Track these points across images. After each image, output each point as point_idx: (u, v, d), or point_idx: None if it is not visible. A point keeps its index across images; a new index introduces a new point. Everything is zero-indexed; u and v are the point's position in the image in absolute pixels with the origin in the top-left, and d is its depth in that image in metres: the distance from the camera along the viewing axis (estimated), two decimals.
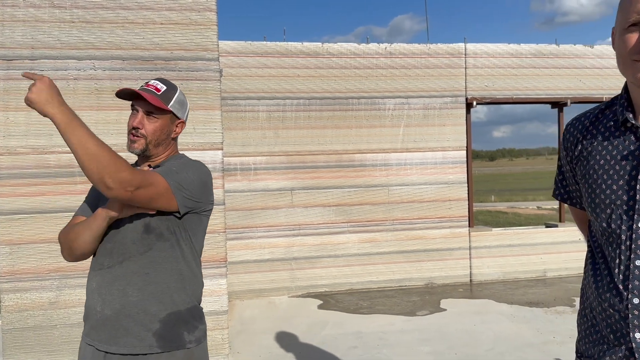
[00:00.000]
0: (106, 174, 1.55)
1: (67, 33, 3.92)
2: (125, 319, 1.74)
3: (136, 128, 1.83)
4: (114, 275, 1.76)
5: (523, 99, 7.29)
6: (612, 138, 1.39)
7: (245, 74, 6.58)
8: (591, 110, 1.51)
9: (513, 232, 7.41)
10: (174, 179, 1.75)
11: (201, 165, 1.89)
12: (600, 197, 1.39)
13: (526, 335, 4.87)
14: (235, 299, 6.45)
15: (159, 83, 1.88)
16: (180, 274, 1.82)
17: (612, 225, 1.36)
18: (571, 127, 1.54)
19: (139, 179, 1.62)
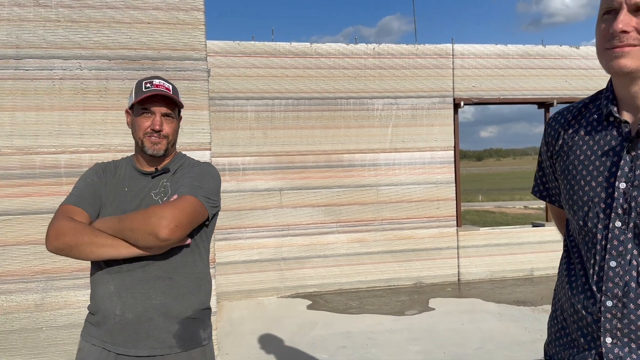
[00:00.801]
0: (149, 234, 1.64)
1: (53, 32, 3.88)
2: (147, 322, 1.75)
3: (158, 130, 1.83)
4: (135, 279, 1.75)
5: (510, 99, 7.34)
6: (594, 132, 1.34)
7: (234, 74, 6.56)
8: (575, 104, 1.46)
9: (500, 231, 7.46)
10: (202, 194, 1.79)
11: (213, 170, 1.93)
12: (578, 193, 1.34)
13: (514, 333, 4.91)
14: (224, 300, 6.42)
15: (164, 82, 1.88)
16: (198, 276, 1.87)
17: (589, 224, 1.31)
18: (553, 120, 1.48)
19: (177, 216, 1.69)
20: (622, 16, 1.18)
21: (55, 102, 3.86)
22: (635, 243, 1.23)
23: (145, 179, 1.89)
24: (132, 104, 1.85)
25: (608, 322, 1.25)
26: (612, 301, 1.24)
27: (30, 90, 3.82)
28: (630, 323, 1.22)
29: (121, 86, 3.92)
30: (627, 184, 1.24)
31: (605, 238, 1.27)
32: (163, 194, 1.86)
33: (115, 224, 1.70)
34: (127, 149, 3.90)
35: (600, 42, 1.24)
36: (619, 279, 1.24)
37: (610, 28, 1.20)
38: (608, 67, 1.24)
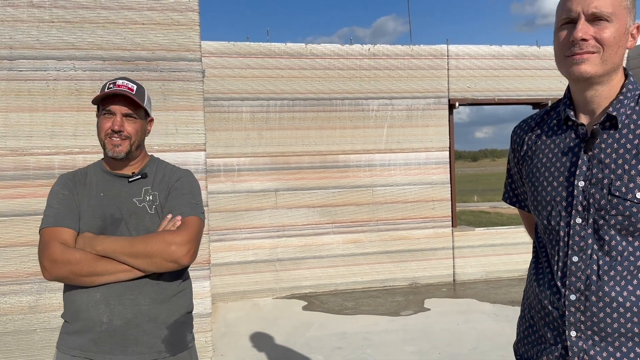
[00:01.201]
0: (171, 261, 1.71)
1: (47, 33, 3.86)
2: (135, 329, 1.74)
3: (119, 131, 1.80)
4: (123, 286, 1.74)
5: (504, 100, 7.37)
6: (555, 136, 1.43)
7: (229, 74, 6.55)
8: (537, 113, 1.56)
9: (495, 231, 7.48)
10: (200, 211, 1.87)
11: (196, 179, 1.97)
12: (542, 194, 1.41)
13: (509, 334, 4.92)
14: (219, 301, 6.41)
15: (128, 82, 1.85)
16: (182, 279, 1.88)
17: (552, 222, 1.38)
18: (518, 128, 1.58)
19: (195, 241, 1.76)
20: (581, 25, 1.26)
21: (49, 103, 3.84)
22: (595, 238, 1.30)
23: (120, 182, 1.87)
24: (97, 105, 1.84)
25: (572, 316, 1.31)
26: (576, 295, 1.30)
27: (24, 91, 3.80)
28: (592, 316, 1.28)
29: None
30: (586, 182, 1.32)
31: (568, 235, 1.34)
32: (150, 203, 1.84)
33: (126, 248, 1.70)
34: None
35: (560, 50, 1.33)
36: (581, 272, 1.30)
37: (571, 37, 1.28)
38: (569, 74, 1.32)
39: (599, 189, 1.30)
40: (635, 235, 1.27)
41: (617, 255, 1.28)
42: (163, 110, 3.97)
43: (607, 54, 1.27)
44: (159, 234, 1.75)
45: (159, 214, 1.84)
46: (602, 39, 1.26)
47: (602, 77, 1.30)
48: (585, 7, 1.26)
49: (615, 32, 1.27)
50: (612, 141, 1.31)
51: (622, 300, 1.26)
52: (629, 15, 1.30)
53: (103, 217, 1.80)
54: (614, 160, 1.29)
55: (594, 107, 1.35)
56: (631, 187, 1.26)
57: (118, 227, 1.79)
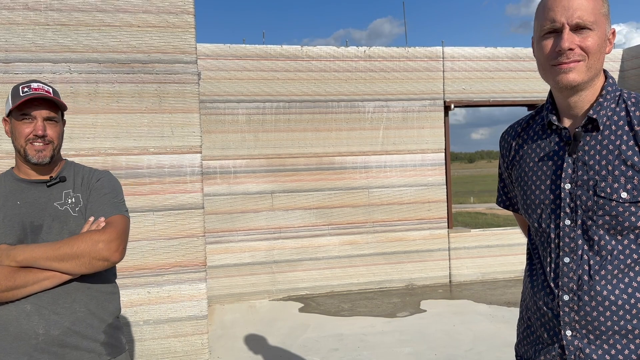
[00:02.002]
0: (99, 260, 1.69)
1: (42, 36, 3.86)
2: (74, 336, 1.72)
3: (42, 136, 1.75)
4: (54, 294, 1.70)
5: (500, 101, 7.39)
6: (540, 140, 1.46)
7: (224, 76, 6.56)
8: (523, 118, 1.59)
9: (491, 232, 7.50)
10: (124, 209, 1.88)
11: (116, 179, 1.96)
12: (531, 197, 1.45)
13: (505, 335, 4.93)
14: (216, 304, 6.41)
15: (43, 85, 1.80)
16: (110, 282, 1.87)
17: (543, 225, 1.42)
18: (506, 134, 1.61)
19: (122, 238, 1.76)
20: (567, 35, 1.29)
21: None
22: (584, 239, 1.33)
23: (38, 188, 1.81)
24: (10, 110, 1.77)
25: (566, 316, 1.34)
26: (569, 295, 1.34)
27: None
28: (586, 315, 1.31)
29: (111, 89, 3.91)
30: (572, 185, 1.35)
31: (558, 236, 1.37)
32: (73, 205, 1.80)
33: (50, 252, 1.65)
34: (118, 152, 3.89)
35: (545, 60, 1.35)
36: (573, 273, 1.34)
37: (557, 46, 1.31)
38: (556, 82, 1.34)
39: (585, 190, 1.33)
40: (624, 234, 1.30)
41: (607, 255, 1.31)
42: (159, 112, 3.98)
43: (592, 61, 1.31)
44: (85, 234, 1.71)
45: (83, 216, 1.80)
46: (586, 47, 1.30)
47: (587, 83, 1.34)
48: (569, 18, 1.29)
49: (598, 39, 1.31)
50: (595, 143, 1.34)
51: (614, 298, 1.29)
52: (607, 21, 1.34)
53: (22, 226, 1.74)
54: (597, 162, 1.33)
55: (577, 111, 1.39)
56: (615, 187, 1.29)
57: (39, 235, 1.74)
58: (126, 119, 3.92)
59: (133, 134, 3.94)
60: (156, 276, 3.93)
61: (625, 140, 1.31)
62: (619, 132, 1.33)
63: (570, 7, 1.29)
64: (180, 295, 4.01)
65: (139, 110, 3.95)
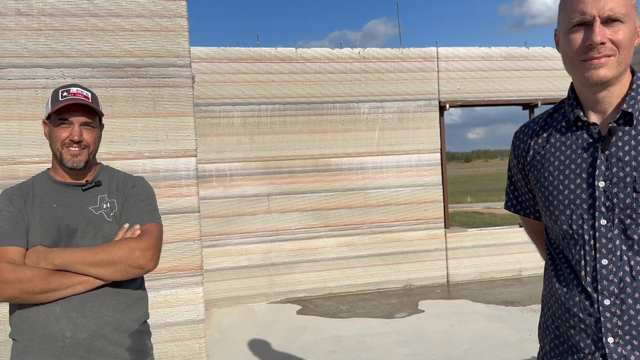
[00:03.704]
0: (135, 267, 1.72)
1: (35, 41, 3.85)
2: (100, 340, 1.72)
3: (79, 141, 1.77)
4: (83, 297, 1.71)
5: (495, 101, 7.41)
6: (565, 138, 1.38)
7: (219, 79, 6.55)
8: (540, 116, 1.51)
9: (488, 232, 7.50)
10: (158, 217, 1.89)
11: (150, 186, 1.97)
12: (558, 198, 1.36)
13: (503, 334, 4.94)
14: (213, 307, 6.39)
15: (82, 90, 1.81)
16: (140, 287, 1.88)
17: (574, 227, 1.33)
18: (521, 134, 1.52)
19: (157, 246, 1.78)
20: (598, 29, 1.22)
21: (38, 111, 3.82)
22: (622, 239, 1.26)
23: (74, 191, 1.82)
24: (49, 114, 1.78)
25: (608, 322, 1.25)
26: (610, 299, 1.25)
27: (12, 99, 3.78)
28: (630, 319, 1.23)
29: (105, 94, 3.89)
30: (606, 182, 1.28)
31: (593, 238, 1.29)
32: (108, 211, 1.82)
33: (87, 258, 1.67)
34: (112, 157, 3.88)
35: (574, 54, 1.28)
36: (613, 275, 1.25)
37: (588, 40, 1.23)
38: (585, 78, 1.27)
39: (622, 187, 1.26)
40: None
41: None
42: (153, 116, 3.97)
43: (622, 55, 1.26)
44: (121, 241, 1.74)
45: (117, 221, 1.81)
46: (618, 41, 1.24)
47: (616, 78, 1.28)
48: (600, 10, 1.22)
49: (629, 32, 1.25)
50: (629, 138, 1.27)
51: None
52: (636, 13, 1.29)
53: (58, 229, 1.75)
54: (633, 157, 1.26)
55: (605, 106, 1.32)
56: None
57: (73, 238, 1.75)
58: (120, 123, 3.90)
59: (127, 138, 3.93)
60: (152, 281, 3.91)
61: None
62: None
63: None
64: (177, 299, 4.00)
65: (133, 114, 3.94)
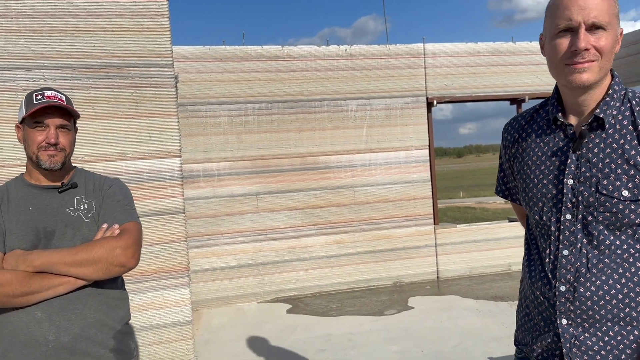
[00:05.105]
0: (116, 265, 1.72)
1: (14, 43, 3.80)
2: (84, 342, 1.72)
3: (55, 144, 1.77)
4: (65, 300, 1.71)
5: (482, 96, 7.42)
6: (544, 135, 1.49)
7: (205, 79, 6.51)
8: (527, 111, 1.61)
9: (477, 227, 7.52)
10: (136, 215, 1.91)
11: (126, 185, 1.98)
12: (533, 191, 1.48)
13: (492, 329, 4.95)
14: (203, 308, 6.37)
15: (57, 93, 1.82)
16: (120, 288, 1.89)
17: (544, 218, 1.46)
18: (509, 126, 1.63)
19: (138, 244, 1.79)
20: (583, 35, 1.31)
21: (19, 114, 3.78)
22: (584, 233, 1.38)
23: (50, 193, 1.83)
24: (23, 117, 1.78)
25: (562, 305, 1.40)
26: (565, 286, 1.39)
27: None
28: (581, 305, 1.37)
29: (86, 95, 3.86)
30: (574, 180, 1.39)
31: (558, 230, 1.42)
32: (86, 212, 1.82)
33: (68, 258, 1.67)
34: (95, 159, 3.84)
35: (559, 59, 1.37)
36: (571, 265, 1.39)
37: (573, 46, 1.32)
38: (569, 82, 1.36)
39: (587, 187, 1.37)
40: (622, 230, 1.35)
41: (605, 249, 1.36)
42: (135, 117, 3.93)
43: (604, 61, 1.33)
44: (102, 240, 1.74)
45: (96, 222, 1.82)
46: (600, 48, 1.31)
47: (597, 82, 1.36)
48: (585, 17, 1.30)
49: (611, 39, 1.33)
50: (599, 141, 1.37)
51: (609, 289, 1.35)
52: (618, 22, 1.36)
53: (35, 232, 1.75)
54: (601, 160, 1.36)
55: (584, 108, 1.41)
56: (617, 186, 1.33)
57: (52, 240, 1.75)
58: (103, 124, 3.87)
59: (110, 139, 3.89)
60: (138, 283, 3.88)
61: (629, 140, 1.35)
62: (623, 131, 1.36)
63: (587, 7, 1.30)
64: (163, 301, 3.97)
65: (116, 115, 3.90)
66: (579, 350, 1.37)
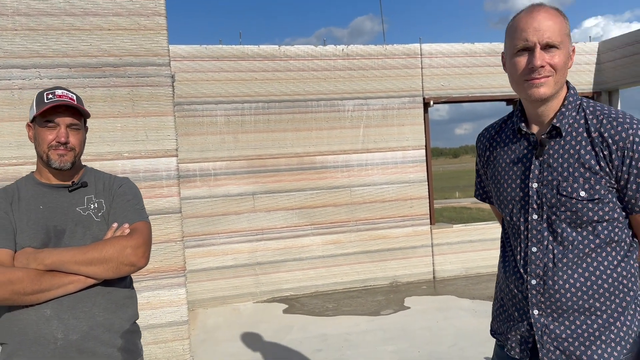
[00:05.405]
0: (127, 265, 1.72)
1: (10, 41, 3.78)
2: (92, 341, 1.72)
3: (65, 142, 1.79)
4: (74, 299, 1.71)
5: (478, 97, 7.43)
6: (511, 144, 1.66)
7: (202, 78, 6.50)
8: (497, 122, 1.79)
9: (473, 227, 7.54)
10: (145, 215, 1.91)
11: (135, 185, 1.99)
12: (503, 194, 1.65)
13: (487, 329, 4.94)
14: (199, 307, 6.36)
15: (67, 92, 1.83)
16: (129, 288, 1.89)
17: (514, 218, 1.62)
18: (482, 136, 1.81)
19: (148, 244, 1.80)
20: (539, 54, 1.46)
21: (14, 113, 3.77)
22: (549, 231, 1.54)
23: (60, 192, 1.85)
24: (34, 116, 1.80)
25: (534, 298, 1.55)
26: (536, 280, 1.55)
27: None
28: (550, 297, 1.53)
29: (82, 94, 3.83)
30: (538, 184, 1.55)
31: (527, 229, 1.57)
32: (96, 211, 1.83)
33: (78, 256, 1.68)
34: (91, 158, 3.83)
35: (519, 75, 1.52)
36: (540, 261, 1.55)
37: (530, 64, 1.47)
38: (528, 95, 1.52)
39: (550, 189, 1.52)
40: (583, 226, 1.50)
41: (568, 245, 1.51)
42: (132, 116, 3.92)
43: (558, 76, 1.49)
44: (112, 239, 1.75)
45: (106, 221, 1.83)
46: (555, 64, 1.47)
47: (553, 95, 1.52)
48: (540, 38, 1.46)
49: (564, 57, 1.48)
50: (558, 147, 1.53)
51: (574, 282, 1.51)
52: (569, 41, 1.52)
53: (46, 230, 1.76)
54: (560, 164, 1.52)
55: (543, 118, 1.57)
56: (575, 187, 1.49)
57: (62, 239, 1.76)
58: (99, 124, 3.85)
59: (106, 139, 3.88)
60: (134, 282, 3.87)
61: (584, 146, 1.49)
62: (579, 138, 1.51)
63: (541, 29, 1.45)
64: (159, 301, 3.96)
65: (112, 114, 3.89)
66: (549, 337, 1.53)
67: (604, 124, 1.48)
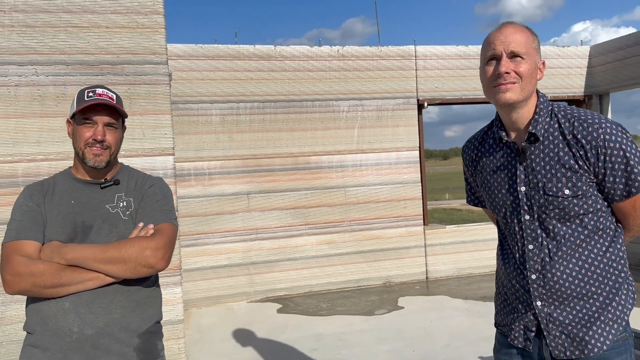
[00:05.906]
0: (145, 266, 1.71)
1: (7, 38, 3.76)
2: (107, 337, 1.72)
3: (101, 141, 1.81)
4: (93, 294, 1.72)
5: (472, 99, 7.48)
6: (495, 152, 1.79)
7: (197, 77, 6.49)
8: (478, 132, 1.91)
9: (465, 228, 7.59)
10: (173, 217, 1.90)
11: (167, 186, 1.98)
12: (495, 200, 1.78)
13: (481, 329, 5.00)
14: (193, 307, 6.34)
15: (107, 91, 1.86)
16: (152, 288, 1.88)
17: (508, 220, 1.75)
18: (466, 147, 1.94)
19: (169, 246, 1.78)
20: (504, 62, 1.60)
21: (10, 110, 3.74)
22: (542, 228, 1.67)
23: (92, 188, 1.87)
24: (74, 113, 1.82)
25: (535, 291, 1.68)
26: (536, 274, 1.68)
27: None
28: (550, 288, 1.66)
29: None
30: (526, 187, 1.68)
31: (521, 229, 1.70)
32: (124, 209, 1.84)
33: (99, 254, 1.69)
34: None
35: (488, 82, 1.66)
36: (537, 257, 1.68)
37: (497, 70, 1.61)
38: (496, 100, 1.65)
39: (537, 191, 1.66)
40: (571, 220, 1.64)
41: (560, 239, 1.65)
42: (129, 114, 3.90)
43: (524, 83, 1.62)
44: (133, 239, 1.75)
45: (133, 220, 1.84)
46: (519, 72, 1.61)
47: (522, 102, 1.64)
48: (506, 48, 1.61)
49: (529, 66, 1.61)
50: (539, 152, 1.66)
51: (570, 271, 1.64)
52: (537, 54, 1.66)
53: (74, 225, 1.78)
54: (543, 167, 1.65)
55: (518, 125, 1.70)
56: (560, 187, 1.62)
57: (88, 235, 1.78)
58: None
59: None
60: None
61: (562, 148, 1.62)
62: (556, 141, 1.64)
63: (507, 40, 1.61)
64: None
65: None
66: (553, 324, 1.66)
67: (575, 126, 1.61)
